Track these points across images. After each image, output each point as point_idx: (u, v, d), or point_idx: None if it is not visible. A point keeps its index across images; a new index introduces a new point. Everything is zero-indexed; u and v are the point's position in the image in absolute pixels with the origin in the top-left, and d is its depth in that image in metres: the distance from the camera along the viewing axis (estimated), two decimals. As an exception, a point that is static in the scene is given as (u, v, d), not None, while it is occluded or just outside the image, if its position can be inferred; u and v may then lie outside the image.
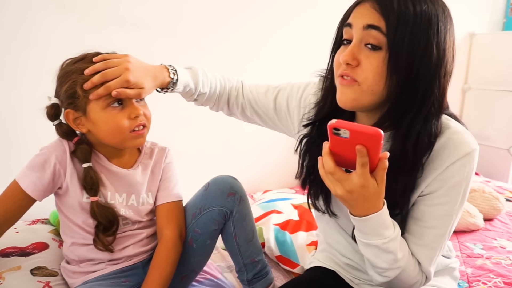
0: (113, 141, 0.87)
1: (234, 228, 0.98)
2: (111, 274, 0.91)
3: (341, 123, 0.60)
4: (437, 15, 0.68)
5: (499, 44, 2.43)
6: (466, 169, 0.72)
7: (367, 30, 0.68)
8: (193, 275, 1.02)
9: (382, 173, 0.64)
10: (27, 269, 0.96)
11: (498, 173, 2.38)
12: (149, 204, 0.97)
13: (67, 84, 0.83)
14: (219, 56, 1.70)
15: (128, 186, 0.94)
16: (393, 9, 0.66)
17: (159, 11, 1.55)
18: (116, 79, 0.81)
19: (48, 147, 0.88)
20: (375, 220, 0.68)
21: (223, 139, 1.84)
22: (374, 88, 0.69)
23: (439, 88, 0.70)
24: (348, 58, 0.69)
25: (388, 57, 0.67)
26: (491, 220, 1.62)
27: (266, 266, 1.05)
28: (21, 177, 0.85)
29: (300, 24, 1.85)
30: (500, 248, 1.38)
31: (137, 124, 0.86)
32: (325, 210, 0.86)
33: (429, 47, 0.67)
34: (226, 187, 0.97)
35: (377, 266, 0.74)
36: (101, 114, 0.84)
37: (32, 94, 1.38)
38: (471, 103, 2.60)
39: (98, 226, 0.88)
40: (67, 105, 0.85)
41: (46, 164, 0.85)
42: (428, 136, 0.71)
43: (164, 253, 0.92)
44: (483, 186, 1.70)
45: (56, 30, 1.39)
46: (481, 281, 1.16)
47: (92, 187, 0.87)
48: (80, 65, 0.84)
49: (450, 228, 0.76)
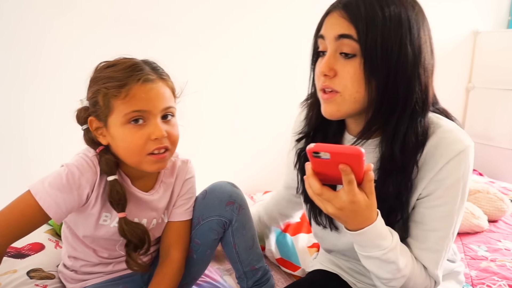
0: (129, 161, 0.80)
1: (233, 237, 0.96)
2: (109, 281, 0.90)
3: (320, 147, 0.59)
4: (407, 14, 0.68)
5: (504, 42, 2.40)
6: (462, 168, 0.71)
7: (340, 40, 0.69)
8: (193, 282, 1.01)
9: (369, 184, 0.64)
10: (23, 272, 0.95)
11: (503, 173, 2.36)
12: (164, 223, 0.93)
13: (91, 90, 0.79)
14: (214, 52, 1.69)
15: (149, 211, 0.88)
16: (361, 15, 0.67)
17: (159, 10, 1.54)
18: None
19: (78, 166, 0.78)
20: (371, 232, 0.67)
21: (223, 139, 1.83)
22: (356, 96, 0.70)
23: (420, 86, 0.70)
24: (324, 69, 0.70)
25: (363, 63, 0.67)
26: (496, 221, 1.60)
27: (267, 273, 1.03)
28: (42, 195, 0.74)
29: (300, 21, 1.84)
30: (505, 250, 1.37)
31: (157, 147, 0.78)
32: (327, 225, 0.86)
33: (403, 48, 0.67)
34: (224, 196, 0.94)
35: (381, 277, 0.73)
36: (120, 130, 0.77)
37: (34, 95, 1.39)
38: (475, 103, 2.57)
39: (128, 245, 0.82)
40: (91, 112, 0.80)
41: (74, 186, 0.76)
42: (415, 135, 0.71)
43: (169, 276, 0.88)
44: (487, 187, 1.69)
45: (57, 30, 1.38)
46: (486, 284, 1.15)
47: (120, 202, 0.79)
48: (109, 72, 0.77)
49: (453, 229, 0.75)
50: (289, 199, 1.14)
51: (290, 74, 1.60)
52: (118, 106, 0.76)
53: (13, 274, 0.93)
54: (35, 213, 0.74)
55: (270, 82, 1.86)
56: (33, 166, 1.37)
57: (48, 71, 1.40)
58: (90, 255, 0.87)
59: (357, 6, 0.67)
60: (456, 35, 2.46)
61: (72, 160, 0.80)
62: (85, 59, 1.40)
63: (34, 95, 1.40)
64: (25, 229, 0.75)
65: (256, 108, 1.88)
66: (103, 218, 0.82)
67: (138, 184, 0.86)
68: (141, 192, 0.86)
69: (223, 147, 1.84)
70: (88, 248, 0.86)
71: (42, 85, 1.40)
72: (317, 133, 0.83)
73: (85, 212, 0.81)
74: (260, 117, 1.89)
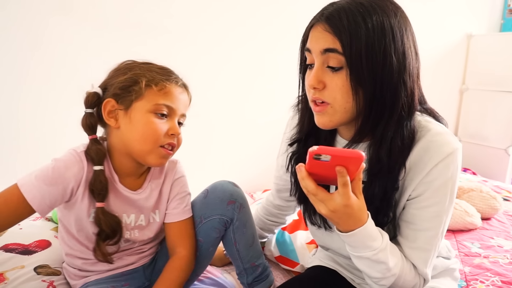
0: (139, 147, 0.82)
1: (234, 235, 0.97)
2: (111, 278, 0.91)
3: (323, 150, 0.60)
4: (389, 22, 0.68)
5: (497, 45, 2.44)
6: (450, 169, 0.73)
7: (325, 54, 0.70)
8: (195, 278, 1.02)
9: (359, 183, 0.66)
10: (31, 268, 0.96)
11: (496, 173, 2.40)
12: (156, 223, 0.94)
13: (127, 75, 0.82)
14: (215, 55, 1.71)
15: (135, 208, 0.90)
16: (344, 27, 0.67)
17: (159, 12, 1.56)
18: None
19: (65, 160, 0.80)
20: (361, 233, 0.69)
21: (222, 138, 1.84)
22: (346, 106, 0.71)
23: (406, 91, 0.71)
24: (313, 83, 0.71)
25: (349, 74, 0.68)
26: (489, 219, 1.63)
27: (267, 269, 1.05)
28: (27, 187, 0.76)
29: (301, 23, 1.86)
30: (497, 247, 1.39)
31: (169, 143, 0.84)
32: (321, 224, 0.87)
33: (388, 57, 0.68)
34: (225, 195, 0.95)
35: (372, 276, 0.75)
36: (144, 115, 0.81)
37: (36, 96, 1.40)
38: (469, 104, 2.61)
39: (100, 234, 0.83)
40: (112, 95, 0.82)
41: (60, 179, 0.78)
42: (401, 139, 0.72)
43: (176, 272, 0.90)
44: (480, 185, 1.71)
45: (59, 32, 1.39)
46: (479, 280, 1.17)
47: (101, 192, 0.81)
48: (148, 66, 0.85)
49: (442, 228, 0.76)
50: (280, 204, 1.15)
51: (290, 74, 1.61)
52: (151, 95, 0.82)
53: (20, 270, 0.94)
54: (19, 204, 0.75)
55: (270, 82, 1.87)
56: (35, 165, 1.38)
57: (50, 72, 1.41)
58: (87, 252, 0.87)
59: (340, 19, 0.68)
60: (450, 38, 2.50)
61: (61, 155, 0.82)
62: (90, 60, 1.44)
63: (38, 94, 1.41)
64: (7, 220, 0.76)
65: (256, 107, 1.88)
66: (92, 215, 0.83)
67: (126, 181, 0.88)
68: (128, 191, 0.87)
69: (223, 147, 1.84)
70: (83, 246, 0.87)
71: (44, 84, 1.41)
72: (309, 137, 0.84)
73: (74, 207, 0.83)
74: (260, 116, 1.89)
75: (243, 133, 1.88)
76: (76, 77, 1.43)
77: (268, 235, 1.26)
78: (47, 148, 1.42)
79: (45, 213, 0.79)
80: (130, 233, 0.90)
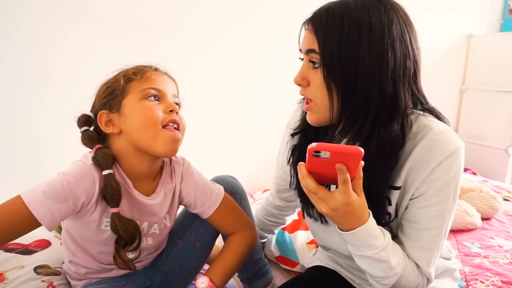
0: (144, 135, 0.79)
1: None
2: (112, 278, 0.91)
3: (322, 146, 0.60)
4: (368, 21, 0.67)
5: (497, 45, 2.45)
6: (453, 168, 0.72)
7: (309, 54, 0.73)
8: (195, 273, 1.02)
9: (359, 181, 0.66)
10: (30, 268, 0.96)
11: (496, 173, 2.40)
12: (166, 228, 0.93)
13: (106, 84, 0.83)
14: (215, 55, 1.71)
15: (150, 215, 0.87)
16: (321, 26, 0.69)
17: (160, 13, 1.56)
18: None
19: (75, 175, 0.76)
20: (363, 232, 0.69)
21: (222, 138, 1.84)
22: (327, 104, 0.72)
23: (384, 93, 0.69)
24: (297, 79, 0.75)
25: (324, 73, 0.70)
26: (489, 219, 1.63)
27: (266, 265, 1.05)
28: (36, 205, 0.71)
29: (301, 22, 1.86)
30: (497, 247, 1.39)
31: (171, 119, 0.81)
32: (318, 217, 0.87)
33: (361, 57, 0.67)
34: (226, 187, 0.97)
35: (374, 275, 0.75)
36: (137, 104, 0.80)
37: (37, 96, 1.40)
38: (469, 104, 2.61)
39: (119, 241, 0.79)
40: (101, 107, 0.82)
41: (70, 195, 0.74)
42: (379, 142, 0.71)
43: (240, 238, 0.94)
44: (480, 185, 1.71)
45: (59, 32, 1.40)
46: (479, 280, 1.17)
47: (113, 196, 0.76)
48: (123, 69, 0.85)
49: (445, 227, 0.76)
50: (280, 204, 1.15)
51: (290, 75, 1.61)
52: (134, 87, 0.81)
53: (20, 270, 0.94)
54: (25, 221, 0.71)
55: (271, 82, 1.88)
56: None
57: (50, 72, 1.41)
58: (90, 262, 0.86)
59: (320, 19, 0.70)
60: (450, 38, 2.50)
61: (68, 169, 0.78)
62: (90, 60, 1.44)
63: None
64: (12, 236, 0.73)
65: (256, 107, 1.89)
66: (105, 223, 0.81)
67: (140, 186, 0.85)
68: (142, 196, 0.85)
69: (223, 147, 1.84)
70: (87, 255, 0.85)
71: (44, 84, 1.41)
72: (310, 128, 0.84)
73: (84, 218, 0.80)
74: (260, 117, 1.90)
75: (242, 133, 1.88)
76: (76, 77, 1.44)
77: (267, 235, 1.26)
78: (47, 148, 1.43)
79: (54, 228, 0.75)
80: (145, 241, 0.88)
